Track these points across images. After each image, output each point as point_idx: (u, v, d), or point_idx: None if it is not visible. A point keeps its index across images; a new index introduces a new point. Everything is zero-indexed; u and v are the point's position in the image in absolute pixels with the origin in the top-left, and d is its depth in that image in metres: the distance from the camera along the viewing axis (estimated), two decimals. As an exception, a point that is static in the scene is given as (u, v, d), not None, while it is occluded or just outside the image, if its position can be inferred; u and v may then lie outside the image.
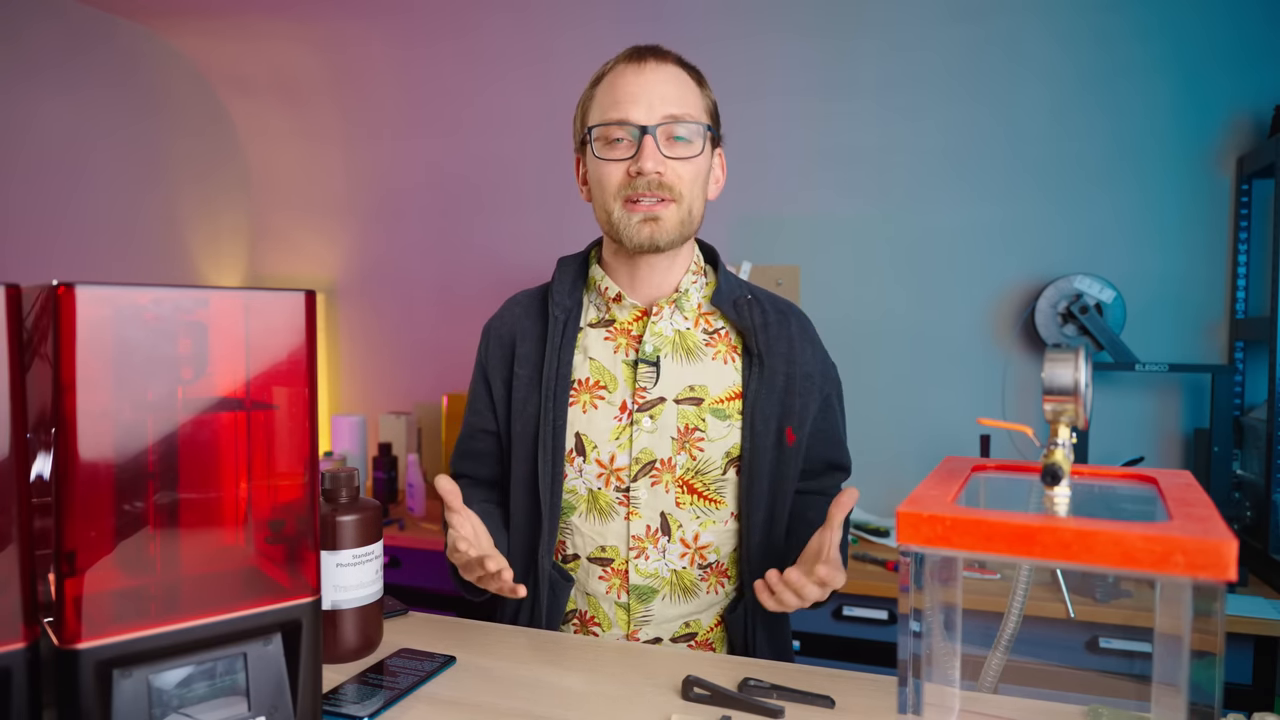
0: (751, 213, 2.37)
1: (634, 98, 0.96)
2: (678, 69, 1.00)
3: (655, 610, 1.03)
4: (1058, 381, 0.56)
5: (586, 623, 1.05)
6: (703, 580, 1.04)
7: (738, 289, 1.07)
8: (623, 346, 1.04)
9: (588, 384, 1.04)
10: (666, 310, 1.04)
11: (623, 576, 1.03)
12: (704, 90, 1.03)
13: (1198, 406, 2.02)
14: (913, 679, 0.57)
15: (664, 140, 0.97)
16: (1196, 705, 0.48)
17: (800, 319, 1.11)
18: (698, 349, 1.04)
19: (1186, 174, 2.02)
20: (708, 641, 1.06)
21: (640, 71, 0.98)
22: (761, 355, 1.02)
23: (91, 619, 0.55)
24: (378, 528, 0.91)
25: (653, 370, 1.03)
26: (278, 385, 0.64)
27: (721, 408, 1.03)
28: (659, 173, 0.96)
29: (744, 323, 1.03)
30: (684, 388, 1.03)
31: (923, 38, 2.16)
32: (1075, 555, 0.48)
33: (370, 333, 2.87)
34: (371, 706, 0.77)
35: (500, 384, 1.08)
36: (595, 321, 1.07)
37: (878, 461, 2.22)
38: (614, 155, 0.98)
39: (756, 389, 1.02)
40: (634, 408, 1.02)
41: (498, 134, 2.61)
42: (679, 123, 0.97)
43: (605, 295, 1.06)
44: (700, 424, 1.02)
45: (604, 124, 0.98)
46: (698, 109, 1.00)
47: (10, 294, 0.53)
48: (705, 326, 1.06)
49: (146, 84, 2.61)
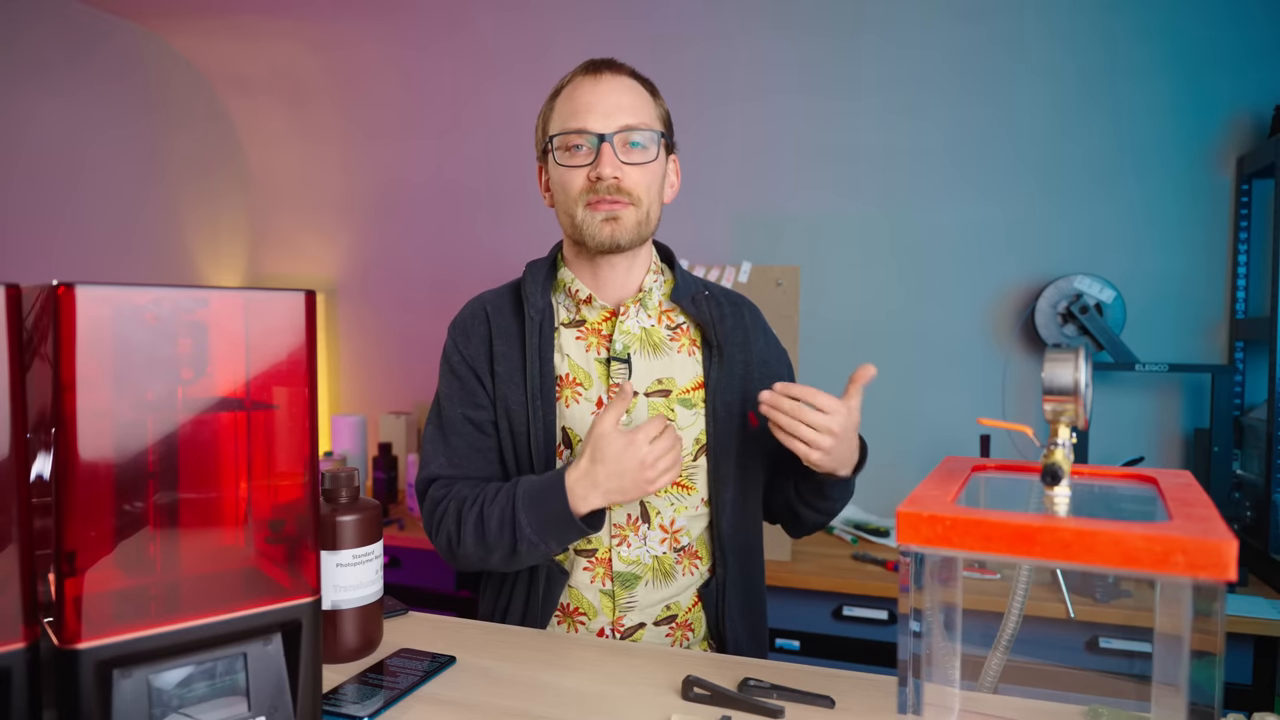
0: (752, 212, 2.37)
1: (591, 108, 1.02)
2: (632, 81, 1.06)
3: (639, 596, 1.06)
4: (1058, 381, 0.56)
5: (571, 614, 1.07)
6: (678, 563, 1.08)
7: (694, 285, 1.13)
8: (594, 345, 1.09)
9: (568, 380, 1.08)
10: (633, 309, 1.09)
11: (606, 565, 1.06)
12: (657, 100, 1.09)
13: (1198, 406, 2.02)
14: (913, 679, 0.57)
15: (620, 147, 1.02)
16: (1196, 705, 0.48)
17: (752, 310, 1.18)
18: (663, 344, 1.10)
19: (1186, 174, 2.02)
20: (687, 622, 1.09)
21: (597, 83, 1.03)
22: (720, 346, 1.08)
23: (91, 619, 0.55)
24: (378, 528, 0.91)
25: (624, 367, 1.07)
26: (278, 385, 0.64)
27: (688, 397, 1.08)
28: (616, 177, 1.01)
29: (702, 316, 1.08)
30: (653, 381, 1.08)
31: (924, 37, 2.16)
32: (1075, 555, 0.48)
33: (370, 333, 2.86)
34: (371, 706, 0.77)
35: (488, 378, 1.10)
36: (567, 322, 1.11)
37: (878, 461, 2.20)
38: (575, 162, 1.03)
39: (717, 378, 1.08)
40: (609, 403, 1.04)
41: (497, 133, 2.61)
42: (634, 131, 1.02)
43: (575, 297, 1.10)
44: (670, 414, 1.07)
45: (564, 133, 1.03)
46: (651, 118, 1.06)
47: (10, 294, 0.53)
48: (668, 322, 1.12)
49: (146, 84, 2.61)
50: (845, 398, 0.95)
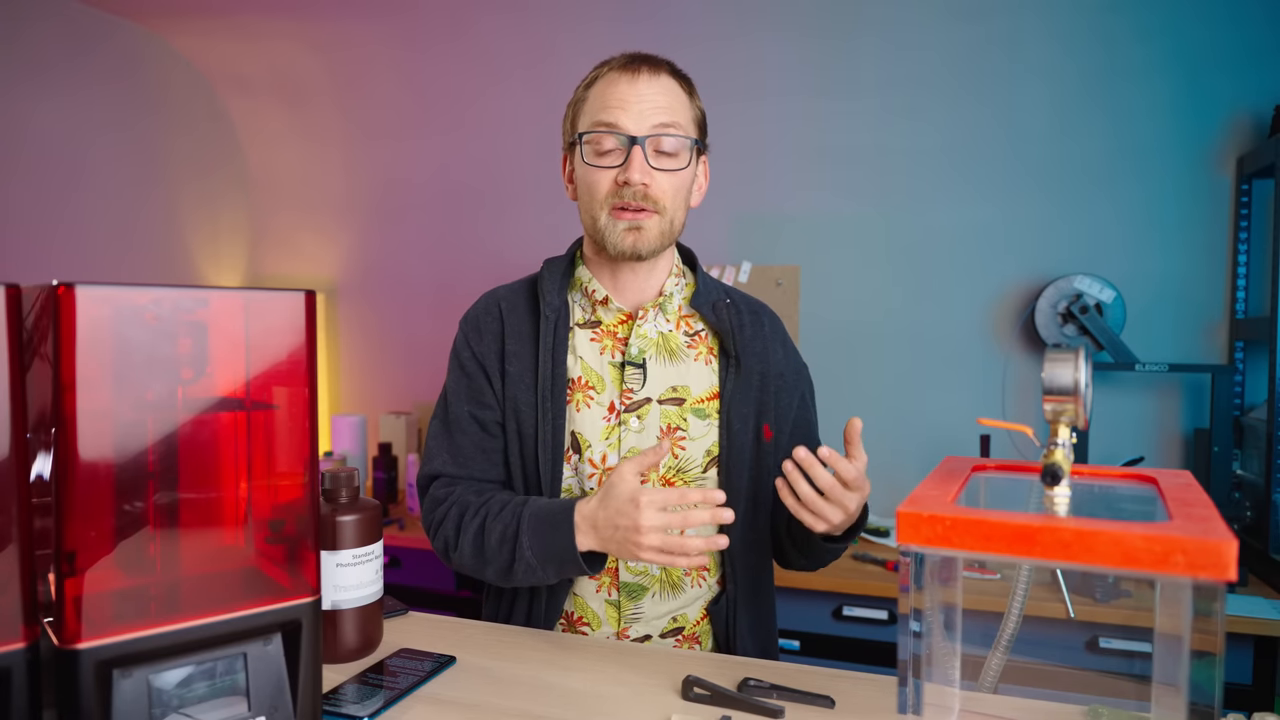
0: (751, 213, 2.37)
1: (625, 106, 0.98)
2: (670, 80, 1.02)
3: (645, 608, 1.04)
4: (1058, 381, 0.56)
5: (574, 623, 1.06)
6: (686, 575, 1.05)
7: (716, 292, 1.10)
8: (609, 348, 1.06)
9: (580, 383, 1.05)
10: (651, 313, 1.07)
11: (613, 575, 1.04)
12: (694, 100, 1.05)
13: (1198, 406, 2.02)
14: (913, 679, 0.57)
15: (651, 152, 0.99)
16: (1196, 705, 0.48)
17: (772, 320, 1.14)
18: (680, 350, 1.07)
19: (1186, 174, 2.02)
20: (694, 634, 1.07)
21: (634, 81, 0.99)
22: (738, 357, 1.05)
23: (91, 619, 0.55)
24: (378, 528, 0.91)
25: (639, 372, 1.05)
26: (278, 385, 0.64)
27: (702, 407, 1.05)
28: (645, 184, 0.98)
29: (722, 325, 1.05)
30: (667, 388, 1.05)
31: (923, 38, 2.16)
32: (1075, 555, 0.48)
33: (370, 333, 2.86)
34: (371, 706, 0.77)
35: (497, 377, 1.07)
36: (582, 322, 1.08)
37: (878, 462, 2.20)
38: (603, 163, 1.00)
39: (732, 389, 1.05)
40: (621, 408, 1.04)
41: (497, 133, 2.61)
42: (667, 134, 0.99)
43: (592, 298, 1.08)
44: (682, 423, 1.04)
45: (594, 131, 1.00)
46: (686, 120, 1.02)
47: (10, 294, 0.53)
48: (686, 329, 1.09)
49: (146, 84, 2.61)
50: (851, 459, 0.91)
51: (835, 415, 1.83)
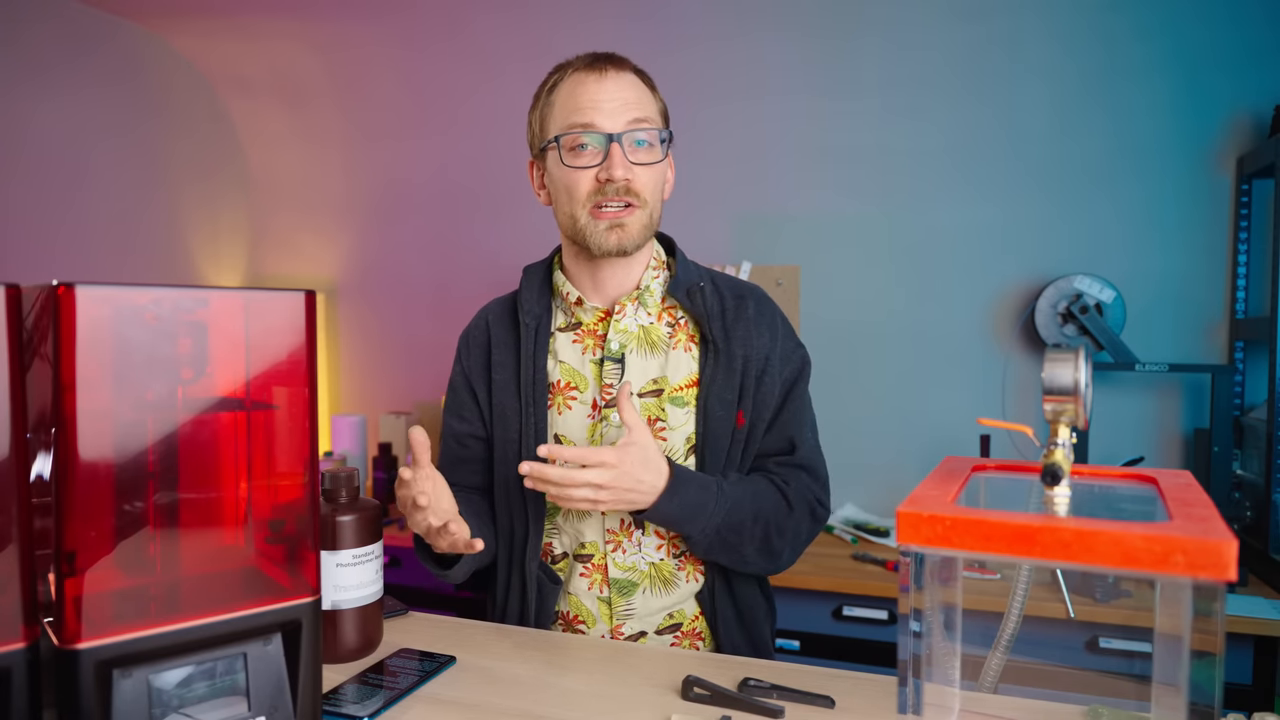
0: (751, 212, 2.37)
1: (598, 105, 0.99)
2: (634, 76, 1.04)
3: (637, 604, 1.04)
4: (1058, 381, 0.56)
5: (571, 622, 1.07)
6: (680, 570, 1.06)
7: (693, 276, 1.08)
8: (589, 347, 1.08)
9: (561, 386, 1.07)
10: (630, 307, 1.07)
11: (602, 571, 1.05)
12: (656, 95, 1.07)
13: (1198, 406, 2.02)
14: (913, 679, 0.57)
15: (628, 147, 1.00)
16: (1196, 705, 0.48)
17: (760, 302, 1.10)
18: (661, 342, 1.07)
19: (1186, 174, 2.02)
20: (695, 631, 1.06)
21: (602, 80, 1.00)
22: (716, 342, 1.04)
23: (91, 619, 0.55)
24: (378, 528, 0.91)
25: (617, 367, 1.05)
26: (278, 385, 0.64)
27: (680, 395, 1.05)
28: (627, 179, 0.99)
29: (697, 310, 1.05)
30: (648, 381, 1.05)
31: (924, 37, 2.16)
32: (1075, 555, 0.48)
33: (370, 333, 2.86)
34: (371, 706, 0.77)
35: (483, 390, 1.11)
36: (564, 326, 1.10)
37: (878, 462, 2.22)
38: (581, 163, 1.00)
39: (712, 375, 1.04)
40: (602, 404, 1.05)
41: (497, 133, 2.60)
42: (642, 129, 1.00)
43: (568, 300, 1.09)
44: (661, 414, 1.05)
45: (571, 132, 1.00)
46: (654, 113, 1.04)
47: (10, 294, 0.53)
48: (668, 319, 1.09)
49: (147, 85, 2.61)
50: (625, 427, 0.93)
51: (835, 415, 1.84)
